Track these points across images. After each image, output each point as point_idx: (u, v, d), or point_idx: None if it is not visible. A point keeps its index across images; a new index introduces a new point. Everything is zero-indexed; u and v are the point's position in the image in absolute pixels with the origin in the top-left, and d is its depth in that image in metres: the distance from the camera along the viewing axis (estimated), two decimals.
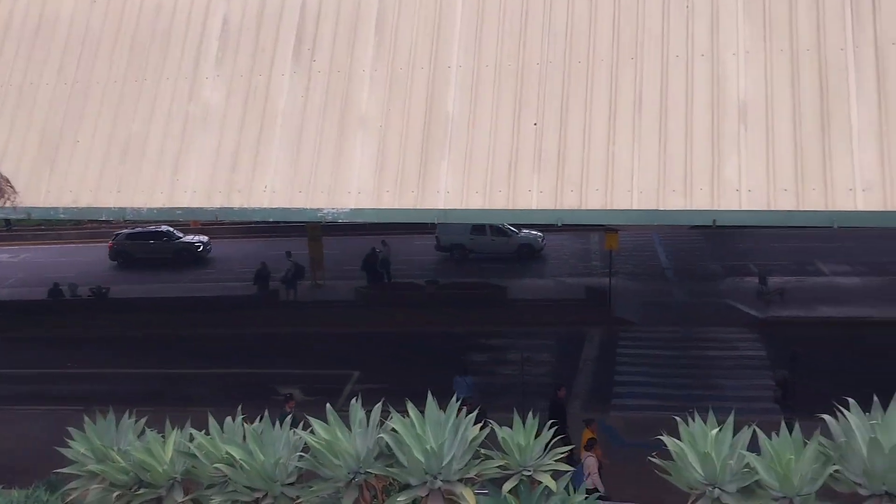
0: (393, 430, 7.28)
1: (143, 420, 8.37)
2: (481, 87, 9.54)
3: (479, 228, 30.72)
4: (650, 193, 8.37)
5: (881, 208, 7.90)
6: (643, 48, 9.02)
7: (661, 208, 8.25)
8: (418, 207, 9.29)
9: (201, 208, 10.01)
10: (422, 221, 9.63)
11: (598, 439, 13.54)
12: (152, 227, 33.84)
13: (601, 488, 12.60)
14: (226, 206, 9.85)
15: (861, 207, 7.92)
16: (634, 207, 8.35)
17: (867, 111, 8.23)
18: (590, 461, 13.01)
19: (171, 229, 34.13)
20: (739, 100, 8.53)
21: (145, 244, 33.84)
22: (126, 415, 8.35)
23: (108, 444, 7.97)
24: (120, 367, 22.08)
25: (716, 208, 8.12)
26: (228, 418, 7.91)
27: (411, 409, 7.38)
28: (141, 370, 21.84)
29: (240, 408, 8.04)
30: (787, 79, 8.46)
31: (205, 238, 34.61)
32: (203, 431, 7.79)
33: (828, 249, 29.10)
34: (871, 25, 8.51)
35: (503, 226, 30.60)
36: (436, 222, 9.48)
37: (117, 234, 34.06)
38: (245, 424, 7.78)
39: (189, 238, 34.43)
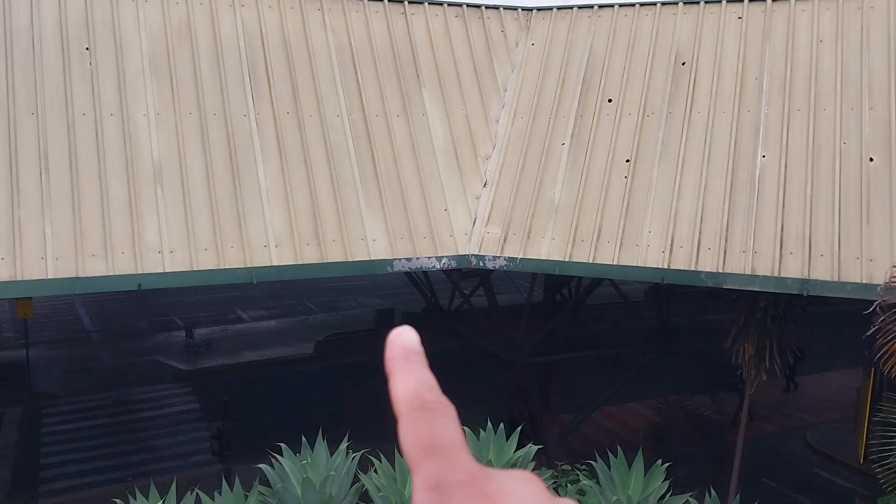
0: None
1: None
2: None
3: None
4: (68, 260, 7.70)
5: (292, 262, 8.68)
6: (45, 103, 8.31)
7: (83, 275, 7.66)
8: None
9: None
10: None
11: None
12: None
13: None
14: None
15: (276, 262, 8.58)
16: (50, 276, 7.57)
17: (273, 172, 8.99)
18: None
19: None
20: (154, 160, 8.47)
21: None
22: None
23: None
24: None
25: (140, 272, 7.87)
26: None
27: None
28: None
29: None
30: (199, 141, 8.72)
31: None
32: None
33: (247, 297, 30.97)
34: (268, 96, 9.36)
35: None
36: None
37: None
38: None
39: None
